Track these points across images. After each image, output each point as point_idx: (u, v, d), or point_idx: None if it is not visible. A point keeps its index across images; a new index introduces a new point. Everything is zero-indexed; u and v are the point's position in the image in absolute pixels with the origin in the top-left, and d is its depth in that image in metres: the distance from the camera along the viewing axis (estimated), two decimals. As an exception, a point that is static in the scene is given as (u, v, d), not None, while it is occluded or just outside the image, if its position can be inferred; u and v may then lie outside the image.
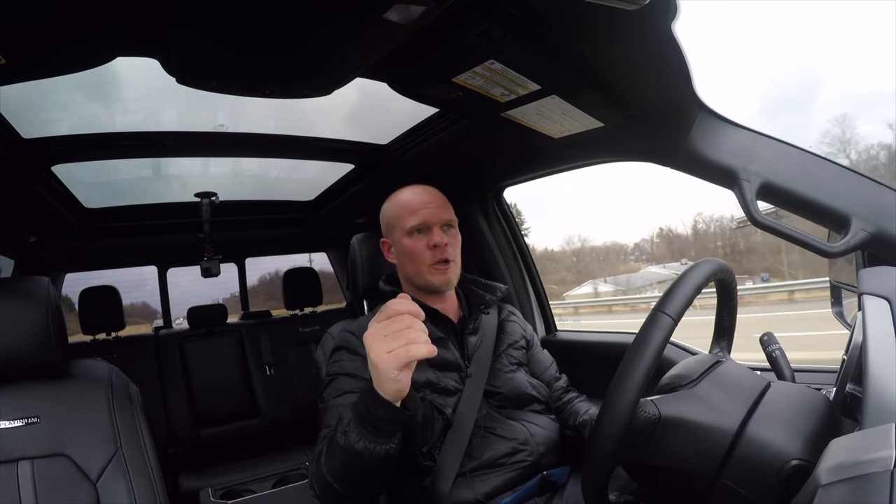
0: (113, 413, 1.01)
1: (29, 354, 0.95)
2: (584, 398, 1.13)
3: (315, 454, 0.84)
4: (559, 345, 1.66)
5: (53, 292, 1.00)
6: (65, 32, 0.71)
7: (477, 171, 1.62)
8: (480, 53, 0.78)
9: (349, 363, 0.97)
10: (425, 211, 1.03)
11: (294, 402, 2.56)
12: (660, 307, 0.64)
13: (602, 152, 1.22)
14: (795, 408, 0.66)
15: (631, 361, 0.61)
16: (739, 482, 0.61)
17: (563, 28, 0.75)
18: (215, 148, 1.55)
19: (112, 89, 1.21)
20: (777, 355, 0.84)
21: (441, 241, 1.01)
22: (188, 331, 2.55)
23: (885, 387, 0.55)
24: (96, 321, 2.31)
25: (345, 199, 2.10)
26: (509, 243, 1.79)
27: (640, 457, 0.66)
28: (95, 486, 0.95)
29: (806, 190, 0.85)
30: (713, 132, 0.93)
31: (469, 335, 1.07)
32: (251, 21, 0.68)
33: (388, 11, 0.65)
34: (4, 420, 0.94)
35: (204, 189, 1.88)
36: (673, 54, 0.77)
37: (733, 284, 0.79)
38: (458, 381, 1.00)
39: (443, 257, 1.02)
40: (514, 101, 0.95)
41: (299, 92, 0.91)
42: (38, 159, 1.36)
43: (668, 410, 0.65)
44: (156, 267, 2.83)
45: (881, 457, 0.39)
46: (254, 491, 1.91)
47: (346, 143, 1.58)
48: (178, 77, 0.81)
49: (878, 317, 0.62)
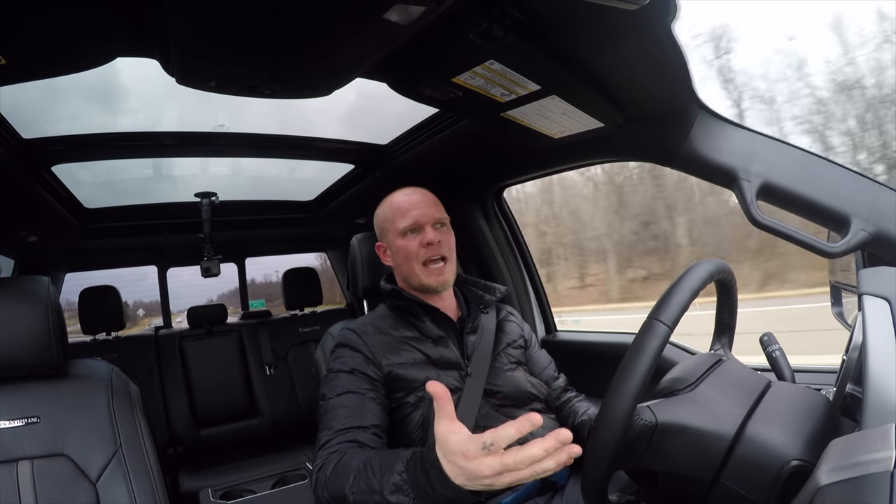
0: (113, 413, 1.01)
1: (29, 354, 0.95)
2: (582, 397, 1.13)
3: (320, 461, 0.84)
4: (559, 345, 1.66)
5: (53, 292, 1.00)
6: (65, 33, 0.71)
7: (477, 171, 1.62)
8: (480, 53, 0.78)
9: (350, 360, 0.98)
10: (416, 211, 1.04)
11: (294, 403, 2.55)
12: (654, 315, 0.63)
13: (602, 152, 1.22)
14: (795, 408, 0.66)
15: (625, 371, 0.61)
16: (739, 483, 0.60)
17: (563, 28, 0.75)
18: (215, 148, 1.55)
19: (112, 90, 1.21)
20: (777, 356, 0.84)
21: (434, 238, 1.03)
22: (188, 331, 2.55)
23: (884, 387, 0.55)
24: (96, 321, 2.31)
25: (345, 199, 2.10)
26: (509, 243, 1.79)
27: (639, 463, 0.66)
28: (95, 486, 0.95)
29: (806, 190, 0.85)
30: (713, 132, 0.93)
31: (468, 334, 1.07)
32: (251, 21, 0.68)
33: (388, 11, 0.65)
34: (4, 420, 0.94)
35: (204, 189, 1.88)
36: (673, 54, 0.77)
37: (733, 283, 0.79)
38: (459, 380, 1.01)
39: (437, 254, 1.03)
40: (514, 101, 0.95)
41: (299, 92, 0.91)
42: (38, 159, 1.36)
43: (665, 416, 0.65)
44: (156, 267, 2.84)
45: (881, 457, 0.40)
46: (254, 491, 1.91)
47: (346, 143, 1.58)
48: (177, 77, 0.81)
49: (878, 317, 0.62)
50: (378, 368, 0.97)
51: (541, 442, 0.58)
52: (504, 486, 0.59)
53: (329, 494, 0.79)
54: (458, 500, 0.65)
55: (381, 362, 0.98)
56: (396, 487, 0.69)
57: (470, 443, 0.60)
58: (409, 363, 0.99)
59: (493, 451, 0.58)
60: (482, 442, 0.59)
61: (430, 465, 0.65)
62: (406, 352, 1.00)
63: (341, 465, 0.80)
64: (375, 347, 0.99)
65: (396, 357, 0.99)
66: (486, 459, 0.59)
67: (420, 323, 1.05)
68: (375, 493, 0.71)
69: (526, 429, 0.59)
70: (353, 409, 0.91)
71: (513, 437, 0.58)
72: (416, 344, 1.02)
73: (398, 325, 1.05)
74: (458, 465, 0.60)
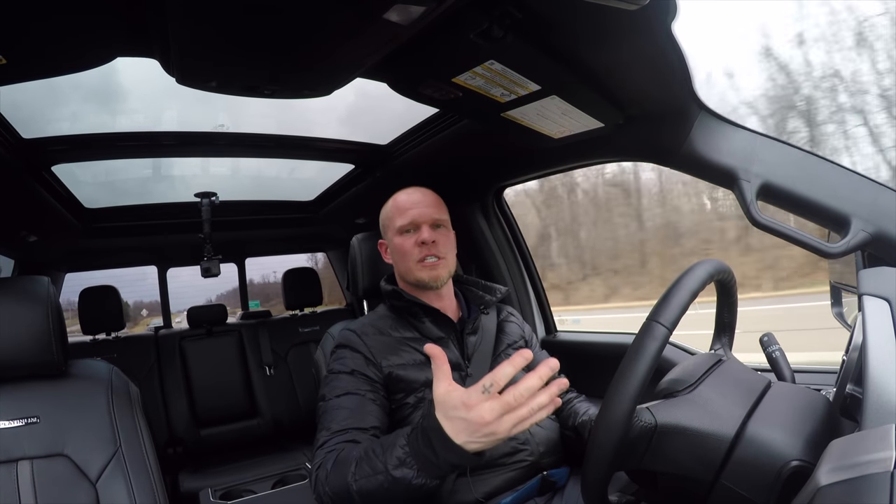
0: (112, 413, 1.01)
1: (29, 354, 0.95)
2: (583, 398, 1.13)
3: (319, 459, 0.84)
4: (559, 345, 1.66)
5: (53, 292, 1.00)
6: (65, 33, 0.71)
7: (477, 171, 1.62)
8: (480, 53, 0.78)
9: (351, 361, 0.98)
10: (414, 210, 1.05)
11: (294, 403, 2.56)
12: (653, 316, 0.62)
13: (602, 152, 1.22)
14: (795, 409, 0.66)
15: (624, 373, 0.61)
16: (739, 483, 0.60)
17: (563, 28, 0.75)
18: (215, 148, 1.55)
19: (112, 90, 1.22)
20: (777, 356, 0.84)
21: (428, 238, 1.03)
22: (188, 331, 2.55)
23: (884, 388, 0.55)
24: (96, 321, 2.31)
25: (345, 199, 2.10)
26: (509, 243, 1.78)
27: (639, 463, 0.66)
28: (95, 486, 0.95)
29: (806, 190, 0.85)
30: (713, 132, 0.93)
31: (469, 335, 1.07)
32: (251, 21, 0.68)
33: (388, 11, 0.65)
34: (4, 420, 0.94)
35: (204, 189, 1.88)
36: (673, 54, 0.77)
37: (732, 282, 0.79)
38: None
39: (430, 253, 1.04)
40: (514, 102, 0.95)
41: (299, 92, 0.91)
42: (38, 159, 1.36)
43: (664, 418, 0.65)
44: (156, 267, 2.84)
45: (881, 458, 0.40)
46: (253, 491, 1.91)
47: (347, 143, 1.58)
48: (177, 77, 0.81)
49: (878, 318, 0.62)
50: (378, 369, 0.97)
51: (534, 372, 0.62)
52: (506, 434, 0.62)
53: (331, 489, 0.79)
54: (462, 463, 0.66)
55: (381, 363, 0.98)
56: (400, 461, 0.70)
57: (470, 392, 0.63)
58: (409, 364, 0.99)
59: (493, 394, 0.61)
60: (482, 386, 0.62)
61: (431, 431, 0.66)
62: (406, 353, 1.00)
63: (341, 459, 0.80)
64: (375, 348, 0.99)
65: (396, 358, 0.99)
66: (487, 403, 0.61)
67: (420, 324, 1.05)
68: (379, 474, 0.72)
69: (520, 364, 0.62)
70: (352, 411, 0.91)
71: (510, 374, 0.62)
72: (416, 345, 1.02)
73: (398, 326, 1.05)
74: (461, 418, 0.63)
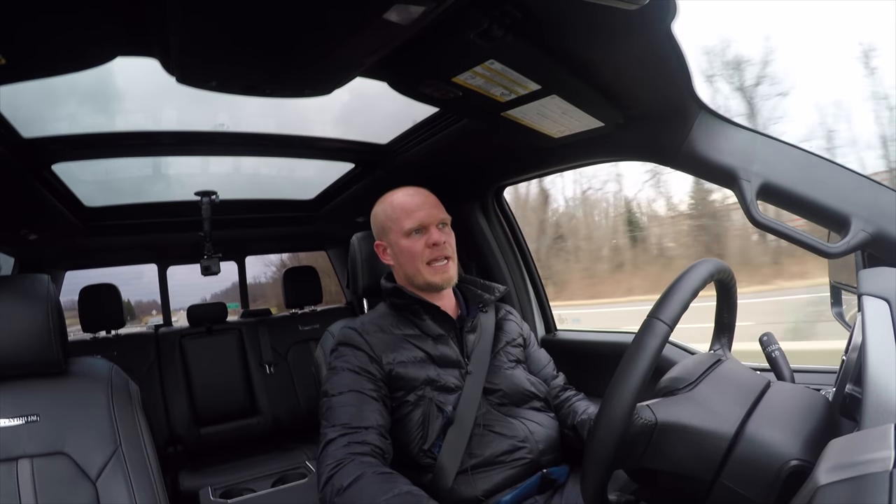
0: (112, 411, 1.01)
1: (29, 352, 0.95)
2: (582, 396, 1.13)
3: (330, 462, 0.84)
4: (559, 344, 1.66)
5: (53, 290, 1.00)
6: (64, 32, 0.71)
7: (477, 171, 1.61)
8: (480, 53, 0.78)
9: (353, 358, 0.98)
10: (421, 212, 1.05)
11: (294, 401, 2.55)
12: (654, 313, 0.63)
13: (602, 152, 1.22)
14: (795, 408, 0.66)
15: (625, 370, 0.61)
16: (739, 482, 0.61)
17: (563, 28, 0.75)
18: (215, 147, 1.55)
19: (112, 89, 1.21)
20: (777, 356, 0.84)
21: (439, 239, 1.04)
22: (188, 329, 2.55)
23: (884, 387, 0.55)
24: (96, 319, 2.31)
25: (345, 198, 2.10)
26: (509, 243, 1.78)
27: (639, 462, 0.66)
28: (95, 484, 0.95)
29: (806, 190, 0.85)
30: (713, 132, 0.93)
31: (468, 333, 1.07)
32: (251, 20, 0.68)
33: (388, 11, 0.65)
34: (4, 418, 0.94)
35: (204, 188, 1.87)
36: (673, 54, 0.77)
37: (732, 282, 0.79)
38: (459, 379, 1.01)
39: (442, 254, 1.04)
40: (514, 101, 0.95)
41: (300, 91, 0.91)
42: (38, 158, 1.36)
43: (664, 416, 0.65)
44: (155, 265, 2.83)
45: (880, 457, 0.40)
46: (253, 490, 1.91)
47: (347, 142, 1.58)
48: (177, 76, 0.80)
49: (878, 318, 0.62)
50: (380, 367, 0.98)
51: None
52: None
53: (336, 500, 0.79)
54: None
55: (383, 360, 0.98)
56: None
57: None
58: (410, 361, 0.99)
59: None
60: None
61: None
62: (407, 350, 1.01)
63: (362, 488, 0.79)
64: (377, 346, 1.00)
65: (398, 355, 0.99)
66: None
67: (420, 321, 1.05)
68: None
69: None
70: (356, 408, 0.91)
71: None
72: (416, 342, 1.02)
73: (399, 324, 1.05)
74: None
